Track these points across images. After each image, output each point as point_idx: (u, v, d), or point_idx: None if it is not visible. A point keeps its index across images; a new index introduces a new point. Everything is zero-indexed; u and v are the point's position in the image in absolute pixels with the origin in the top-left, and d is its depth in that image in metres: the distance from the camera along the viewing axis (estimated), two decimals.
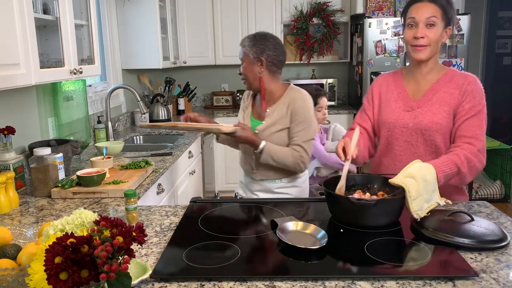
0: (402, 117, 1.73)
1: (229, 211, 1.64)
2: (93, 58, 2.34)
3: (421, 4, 1.66)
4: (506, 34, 5.83)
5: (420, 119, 1.69)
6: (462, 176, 1.57)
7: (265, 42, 2.00)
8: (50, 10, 1.99)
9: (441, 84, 1.71)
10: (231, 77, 5.00)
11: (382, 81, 1.86)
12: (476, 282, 1.06)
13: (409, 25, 1.68)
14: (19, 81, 1.63)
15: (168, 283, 1.09)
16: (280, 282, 1.08)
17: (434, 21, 1.64)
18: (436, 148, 1.70)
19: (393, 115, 1.75)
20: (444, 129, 1.68)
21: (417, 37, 1.65)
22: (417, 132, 1.71)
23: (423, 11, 1.64)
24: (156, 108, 4.01)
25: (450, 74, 1.72)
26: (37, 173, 1.83)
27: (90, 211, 1.07)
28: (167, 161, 2.45)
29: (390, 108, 1.77)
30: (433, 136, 1.68)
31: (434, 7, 1.64)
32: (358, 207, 1.37)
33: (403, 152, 1.75)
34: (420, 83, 1.75)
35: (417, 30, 1.65)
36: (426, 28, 1.64)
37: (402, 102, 1.76)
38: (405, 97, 1.76)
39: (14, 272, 0.99)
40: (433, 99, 1.70)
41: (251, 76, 2.03)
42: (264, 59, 1.99)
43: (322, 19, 4.61)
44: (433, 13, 1.64)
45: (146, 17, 3.62)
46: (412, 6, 1.68)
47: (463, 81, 1.68)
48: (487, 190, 4.47)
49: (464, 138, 1.63)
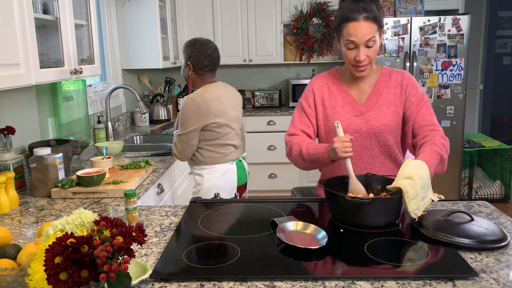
0: (354, 122, 1.72)
1: (229, 211, 1.64)
2: (93, 58, 2.34)
3: (358, 25, 1.58)
4: (506, 34, 5.83)
5: (372, 123, 1.70)
6: (444, 162, 1.60)
7: (192, 48, 2.28)
8: (50, 10, 1.99)
9: (382, 85, 1.74)
10: (231, 77, 5.00)
11: (321, 84, 1.80)
12: (476, 282, 1.06)
13: (348, 46, 1.63)
14: (19, 81, 1.63)
15: (168, 283, 1.09)
16: (280, 282, 1.08)
17: (374, 40, 1.60)
18: (388, 147, 1.74)
19: (344, 121, 1.71)
20: (394, 128, 1.72)
21: (360, 60, 1.61)
22: (370, 136, 1.72)
23: (362, 33, 1.58)
24: (156, 108, 4.01)
25: (386, 73, 1.76)
26: (37, 173, 1.83)
27: (90, 211, 1.07)
28: (167, 161, 2.45)
29: (338, 114, 1.74)
30: (386, 137, 1.72)
31: (371, 26, 1.58)
32: (354, 206, 1.38)
33: (359, 156, 1.73)
34: (361, 86, 1.75)
35: (358, 52, 1.60)
36: (366, 49, 1.60)
37: (349, 107, 1.74)
38: (350, 101, 1.74)
39: (14, 272, 0.99)
40: (380, 101, 1.72)
41: (185, 77, 2.36)
42: (191, 63, 2.29)
43: (322, 19, 4.62)
44: (371, 33, 1.58)
45: (146, 17, 3.62)
46: (348, 25, 1.60)
47: (401, 78, 1.74)
48: (487, 190, 4.47)
49: (425, 127, 1.67)
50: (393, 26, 4.11)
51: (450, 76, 4.09)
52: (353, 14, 1.58)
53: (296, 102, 4.61)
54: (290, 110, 4.51)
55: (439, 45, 4.06)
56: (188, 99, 2.21)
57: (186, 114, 2.20)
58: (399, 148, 1.79)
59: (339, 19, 1.65)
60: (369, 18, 1.58)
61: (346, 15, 1.61)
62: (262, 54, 4.70)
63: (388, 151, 1.75)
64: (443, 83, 4.10)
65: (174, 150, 2.29)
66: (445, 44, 4.06)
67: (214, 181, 2.28)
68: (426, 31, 4.06)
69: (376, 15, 1.60)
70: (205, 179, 2.29)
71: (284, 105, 4.91)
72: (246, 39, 4.67)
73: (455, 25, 4.05)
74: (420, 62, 4.08)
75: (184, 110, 2.21)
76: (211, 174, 2.29)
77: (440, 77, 4.10)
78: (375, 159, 1.75)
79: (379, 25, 1.62)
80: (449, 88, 4.11)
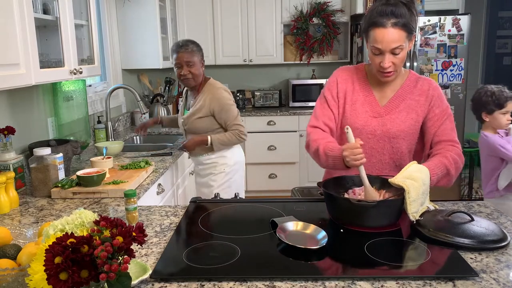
0: (370, 123, 1.67)
1: (229, 211, 1.64)
2: (93, 58, 2.34)
3: (385, 32, 1.51)
4: (506, 34, 5.83)
5: (389, 127, 1.66)
6: (450, 178, 1.58)
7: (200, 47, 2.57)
8: (50, 10, 1.99)
9: (407, 90, 1.69)
10: (231, 77, 5.00)
11: (346, 77, 1.74)
12: (476, 282, 1.06)
13: (373, 51, 1.57)
14: (19, 81, 1.63)
15: (168, 283, 1.09)
16: (280, 282, 1.08)
17: (401, 48, 1.53)
18: (400, 155, 1.70)
19: (360, 120, 1.68)
20: (411, 136, 1.68)
21: (384, 67, 1.56)
22: (384, 140, 1.68)
23: (388, 40, 1.51)
24: (156, 108, 4.01)
25: (413, 79, 1.71)
26: (37, 173, 1.83)
27: (90, 211, 1.07)
28: (167, 161, 2.45)
29: (357, 112, 1.69)
30: (400, 143, 1.68)
31: (399, 33, 1.51)
32: (358, 209, 1.37)
33: (368, 158, 1.64)
34: (385, 88, 1.70)
35: (383, 58, 1.55)
36: (392, 56, 1.54)
37: (369, 107, 1.69)
38: (372, 101, 1.69)
39: (14, 272, 0.99)
40: (401, 106, 1.67)
41: (199, 74, 2.52)
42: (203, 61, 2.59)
43: (322, 19, 4.62)
44: (399, 41, 1.51)
45: (146, 17, 3.62)
46: (375, 30, 1.53)
47: (428, 87, 1.68)
48: None
49: (444, 142, 1.64)
50: None
51: (450, 76, 4.09)
52: (381, 19, 1.51)
53: (296, 102, 4.67)
54: (290, 110, 4.51)
55: (439, 45, 4.06)
56: (221, 88, 2.55)
57: (230, 98, 2.55)
58: (411, 158, 1.73)
59: (367, 22, 1.57)
60: (397, 24, 1.50)
61: (374, 19, 1.54)
62: (262, 54, 4.70)
63: (399, 159, 1.70)
64: (443, 83, 4.10)
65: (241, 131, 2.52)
66: (445, 44, 4.06)
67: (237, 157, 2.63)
68: (426, 31, 4.06)
69: (406, 21, 1.51)
70: (228, 158, 2.58)
71: (284, 105, 4.91)
72: (246, 39, 4.67)
73: (455, 25, 4.05)
74: (420, 62, 4.08)
75: (227, 96, 2.53)
76: (230, 152, 2.59)
77: (440, 77, 4.10)
78: (384, 165, 1.70)
79: (408, 32, 1.53)
80: (449, 88, 4.11)
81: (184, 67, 2.48)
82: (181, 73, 2.49)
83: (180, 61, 2.48)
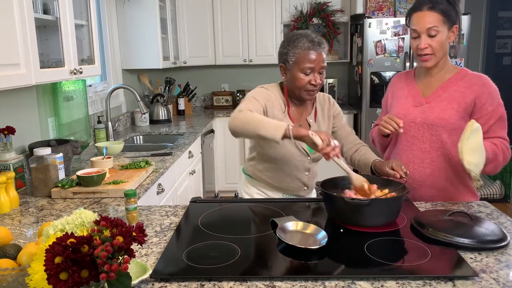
0: (411, 112, 1.76)
1: (229, 211, 1.64)
2: (93, 58, 2.34)
3: (421, 14, 1.65)
4: (506, 34, 5.83)
5: (428, 114, 1.72)
6: (497, 163, 1.64)
7: None
8: (50, 10, 1.99)
9: (452, 83, 1.73)
10: (231, 77, 5.00)
11: (396, 80, 1.91)
12: (476, 282, 1.06)
13: (412, 35, 1.70)
14: (19, 81, 1.63)
15: (168, 283, 1.09)
16: (280, 282, 1.08)
17: (436, 30, 1.64)
18: (442, 144, 1.72)
19: (402, 110, 1.78)
20: (451, 125, 1.69)
21: (421, 48, 1.66)
22: (424, 127, 1.73)
23: (424, 21, 1.64)
24: (156, 108, 4.01)
25: (462, 74, 1.74)
26: (37, 173, 1.83)
27: (90, 211, 1.07)
28: (167, 161, 2.45)
29: (400, 103, 1.81)
30: (439, 132, 1.71)
31: (434, 16, 1.63)
32: (352, 207, 1.38)
33: (409, 147, 1.77)
34: (431, 82, 1.78)
35: (420, 40, 1.66)
36: (429, 38, 1.65)
37: (411, 98, 1.79)
38: (415, 93, 1.79)
39: (14, 272, 0.99)
40: (443, 96, 1.72)
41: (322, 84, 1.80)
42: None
43: (322, 19, 4.62)
44: (434, 22, 1.63)
45: (146, 17, 3.62)
46: (413, 14, 1.68)
47: (477, 81, 1.70)
48: (487, 190, 4.47)
49: (493, 138, 1.68)
50: (393, 26, 4.11)
51: None
52: (419, 5, 1.67)
53: None
54: None
55: None
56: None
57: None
58: (455, 150, 1.63)
59: (408, 10, 1.73)
60: (433, 8, 1.63)
61: (413, 6, 1.70)
62: (262, 54, 4.70)
63: (441, 148, 1.72)
64: None
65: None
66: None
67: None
68: None
69: (444, 7, 1.63)
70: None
71: None
72: (246, 39, 4.67)
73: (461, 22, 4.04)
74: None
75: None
76: None
77: None
78: (425, 154, 1.74)
79: (446, 18, 1.64)
80: None
81: (315, 75, 1.73)
82: (311, 81, 1.74)
83: (315, 65, 1.71)
